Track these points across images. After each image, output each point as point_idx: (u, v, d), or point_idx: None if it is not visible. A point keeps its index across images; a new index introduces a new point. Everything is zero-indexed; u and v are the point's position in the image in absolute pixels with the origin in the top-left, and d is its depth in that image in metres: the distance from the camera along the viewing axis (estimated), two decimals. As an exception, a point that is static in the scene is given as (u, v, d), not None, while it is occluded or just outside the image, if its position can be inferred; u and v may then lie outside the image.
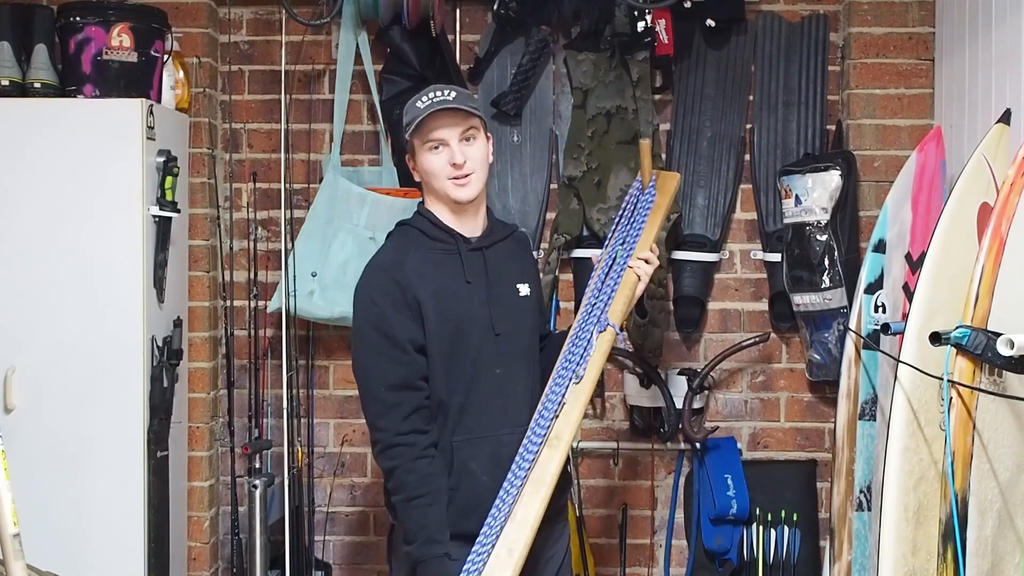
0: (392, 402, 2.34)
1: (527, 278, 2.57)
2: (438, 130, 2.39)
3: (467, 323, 2.40)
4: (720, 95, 3.64)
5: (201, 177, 3.62)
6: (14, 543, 2.00)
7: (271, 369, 3.65)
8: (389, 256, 2.45)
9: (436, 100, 2.39)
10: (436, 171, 2.42)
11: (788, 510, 3.58)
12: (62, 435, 3.20)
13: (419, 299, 2.36)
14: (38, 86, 3.25)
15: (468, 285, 2.42)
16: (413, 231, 2.48)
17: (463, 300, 2.41)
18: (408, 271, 2.38)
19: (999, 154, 2.53)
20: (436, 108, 2.38)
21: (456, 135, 2.40)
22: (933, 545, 2.15)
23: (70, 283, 3.21)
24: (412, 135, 2.42)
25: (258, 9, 3.73)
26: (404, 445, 2.33)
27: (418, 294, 2.36)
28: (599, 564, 3.71)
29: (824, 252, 3.37)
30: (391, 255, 2.45)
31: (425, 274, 2.39)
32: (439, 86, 2.46)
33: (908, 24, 3.51)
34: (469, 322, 2.40)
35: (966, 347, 2.01)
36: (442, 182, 2.42)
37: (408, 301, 2.36)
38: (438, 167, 2.41)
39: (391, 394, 2.34)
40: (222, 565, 3.71)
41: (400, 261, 2.41)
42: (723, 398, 3.73)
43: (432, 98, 2.40)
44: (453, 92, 2.43)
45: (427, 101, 2.40)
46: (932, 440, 2.30)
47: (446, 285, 2.40)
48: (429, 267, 2.41)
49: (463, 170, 2.40)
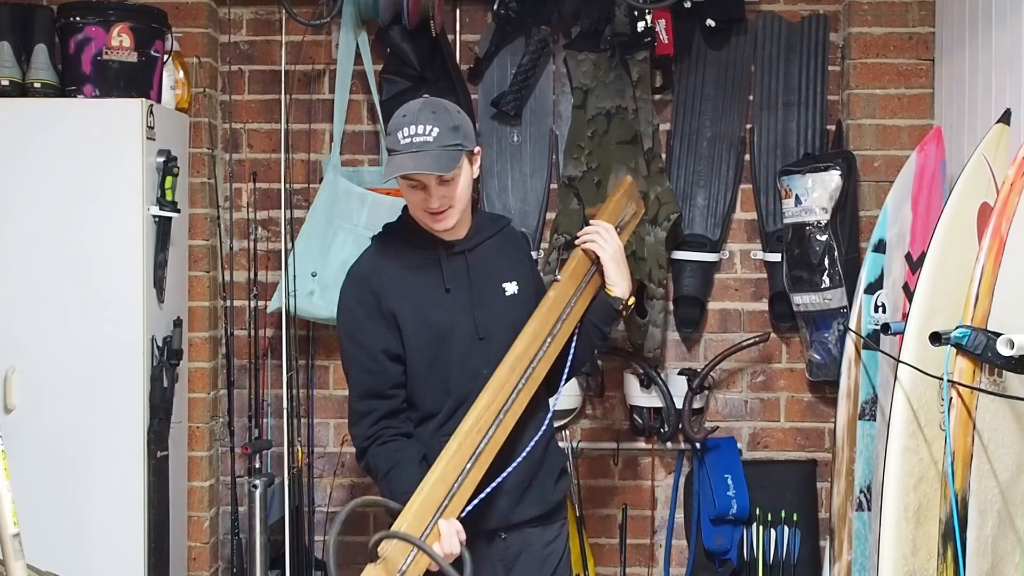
0: (362, 410, 2.38)
1: (515, 275, 2.53)
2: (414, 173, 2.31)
3: (448, 330, 2.39)
4: (720, 95, 3.65)
5: (201, 177, 3.62)
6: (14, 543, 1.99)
7: (271, 369, 3.65)
8: (367, 264, 2.45)
9: (416, 141, 2.27)
10: (414, 204, 2.37)
11: (788, 510, 3.58)
12: (62, 435, 3.21)
13: (394, 309, 2.36)
14: (38, 86, 3.26)
15: (448, 293, 2.41)
16: (393, 237, 2.47)
17: (442, 307, 2.40)
18: (384, 280, 2.38)
19: (999, 154, 2.53)
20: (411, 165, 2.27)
21: (434, 179, 2.31)
22: (933, 545, 2.15)
23: (70, 283, 3.21)
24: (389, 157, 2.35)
25: (258, 9, 3.73)
26: (373, 443, 2.36)
27: (393, 304, 2.36)
28: (599, 564, 3.71)
29: (824, 252, 3.37)
30: (369, 262, 2.45)
31: (403, 282, 2.39)
32: (421, 115, 2.30)
33: (908, 24, 3.51)
34: (449, 329, 2.39)
35: (966, 347, 2.01)
36: (419, 214, 2.38)
37: (383, 311, 2.36)
38: (415, 201, 2.36)
39: (362, 403, 2.39)
40: (222, 565, 3.71)
41: (377, 269, 2.40)
42: (723, 398, 3.73)
43: (412, 135, 2.28)
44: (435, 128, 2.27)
45: (406, 138, 2.28)
46: (932, 440, 2.30)
47: (425, 293, 2.39)
48: (408, 274, 2.40)
49: (440, 209, 2.35)
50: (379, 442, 2.36)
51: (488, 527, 2.43)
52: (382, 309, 2.36)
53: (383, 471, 2.34)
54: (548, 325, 2.49)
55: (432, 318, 2.38)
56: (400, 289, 2.38)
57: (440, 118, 2.31)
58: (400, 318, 2.36)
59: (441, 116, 2.32)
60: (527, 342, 2.43)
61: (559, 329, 2.51)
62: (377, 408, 2.37)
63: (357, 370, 2.39)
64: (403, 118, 2.32)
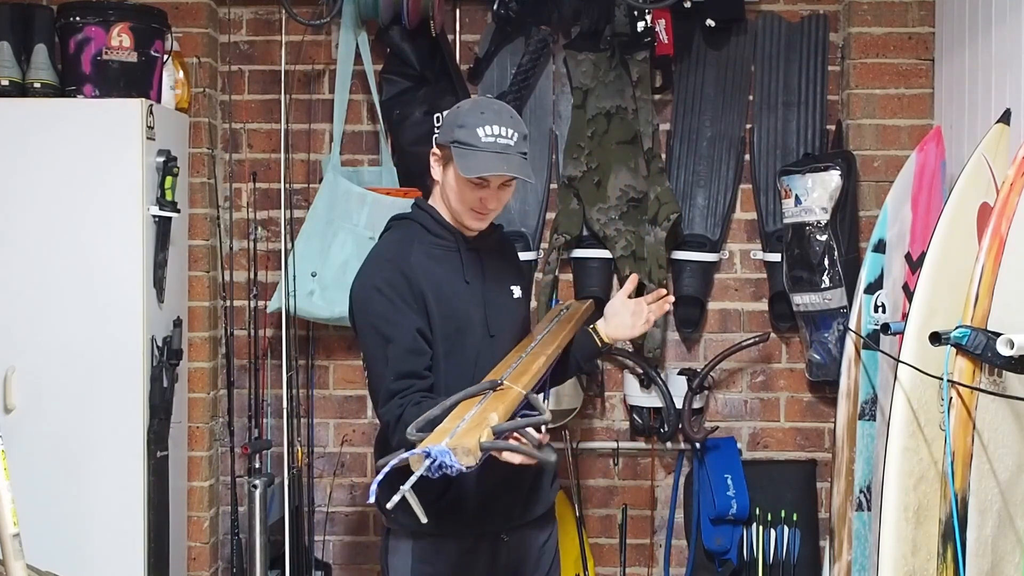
0: (396, 389, 2.26)
1: (519, 280, 2.56)
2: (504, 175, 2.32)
3: (466, 323, 2.38)
4: (720, 95, 3.64)
5: (201, 177, 3.62)
6: (14, 543, 2.00)
7: (271, 369, 3.65)
8: (394, 248, 2.40)
9: (500, 143, 2.28)
10: (464, 198, 2.36)
11: (788, 510, 3.58)
12: (62, 435, 3.20)
13: (424, 293, 2.33)
14: (38, 86, 3.25)
15: (467, 285, 2.40)
16: (414, 225, 2.44)
17: (463, 300, 2.39)
18: (414, 264, 2.35)
19: (999, 154, 2.53)
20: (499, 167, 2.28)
21: (500, 180, 2.34)
22: (933, 545, 2.15)
23: (70, 283, 3.21)
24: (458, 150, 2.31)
25: (258, 9, 3.73)
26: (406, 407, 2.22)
27: (424, 288, 2.33)
28: (599, 564, 3.71)
29: (824, 252, 3.37)
30: (395, 247, 2.40)
31: (429, 269, 2.36)
32: (503, 115, 2.32)
33: (908, 24, 3.51)
34: (467, 322, 2.38)
35: (966, 347, 2.01)
36: (463, 208, 2.37)
37: (415, 293, 2.32)
38: (469, 197, 2.35)
39: (398, 383, 2.27)
40: (222, 565, 3.71)
41: (405, 253, 2.36)
42: (723, 398, 3.73)
43: (496, 135, 2.29)
44: (516, 134, 2.31)
45: (490, 137, 2.28)
46: (932, 440, 2.29)
47: (448, 283, 2.38)
48: (432, 263, 2.38)
49: (489, 210, 2.38)
50: (412, 403, 2.23)
51: (491, 528, 2.42)
52: (414, 292, 2.32)
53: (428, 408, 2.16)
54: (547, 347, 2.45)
55: (454, 309, 2.36)
56: (428, 275, 2.35)
57: (518, 124, 2.35)
58: (429, 303, 2.33)
59: (519, 123, 2.36)
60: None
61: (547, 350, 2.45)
62: (413, 386, 2.27)
63: (395, 350, 2.28)
64: (482, 115, 2.31)
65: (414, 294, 2.32)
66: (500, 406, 2.02)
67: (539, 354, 2.37)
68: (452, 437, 1.86)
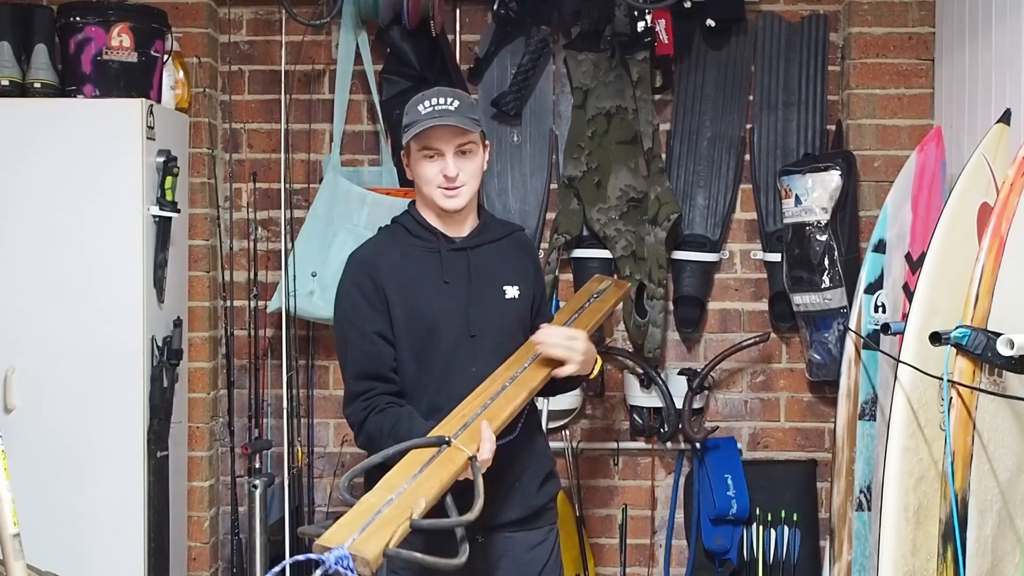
0: (358, 390, 2.36)
1: (519, 280, 2.53)
2: (435, 140, 2.37)
3: (439, 322, 2.40)
4: (720, 95, 3.65)
5: (201, 177, 3.62)
6: (14, 543, 1.99)
7: (271, 369, 3.65)
8: (368, 250, 2.48)
9: (438, 109, 2.36)
10: (428, 178, 2.40)
11: (788, 510, 3.58)
12: (62, 435, 3.21)
13: (388, 295, 2.38)
14: (38, 86, 3.26)
15: (446, 285, 2.42)
16: (398, 228, 2.50)
17: (437, 299, 2.41)
18: (382, 265, 2.40)
19: (999, 154, 2.53)
20: (435, 121, 2.35)
21: (452, 147, 2.37)
22: (933, 545, 2.15)
23: (70, 283, 3.21)
24: (409, 137, 2.40)
25: (258, 9, 3.73)
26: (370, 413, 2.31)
27: (387, 290, 2.38)
28: (599, 564, 3.71)
29: (824, 252, 3.37)
30: (370, 249, 2.48)
31: (400, 270, 2.41)
32: (443, 91, 2.41)
33: (908, 24, 3.51)
34: (439, 322, 2.40)
35: (966, 347, 2.01)
36: (432, 189, 2.41)
37: (379, 294, 2.38)
38: (430, 175, 2.40)
39: (358, 383, 2.36)
40: (222, 565, 3.71)
41: (377, 255, 2.43)
42: (723, 398, 3.73)
43: (434, 105, 2.36)
44: (456, 101, 2.38)
45: (428, 107, 2.36)
46: (932, 440, 2.30)
47: (420, 284, 2.41)
48: (408, 263, 2.42)
49: (455, 182, 2.39)
50: (376, 410, 2.32)
51: None
52: (377, 293, 2.38)
53: (387, 429, 2.28)
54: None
55: (423, 309, 2.39)
56: (397, 276, 2.40)
57: (460, 95, 2.42)
58: (392, 304, 2.38)
59: (461, 94, 2.43)
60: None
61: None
62: (374, 388, 2.35)
63: (354, 351, 2.39)
64: (421, 95, 2.41)
65: (378, 295, 2.38)
66: (436, 486, 1.98)
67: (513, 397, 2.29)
68: (361, 533, 1.79)
